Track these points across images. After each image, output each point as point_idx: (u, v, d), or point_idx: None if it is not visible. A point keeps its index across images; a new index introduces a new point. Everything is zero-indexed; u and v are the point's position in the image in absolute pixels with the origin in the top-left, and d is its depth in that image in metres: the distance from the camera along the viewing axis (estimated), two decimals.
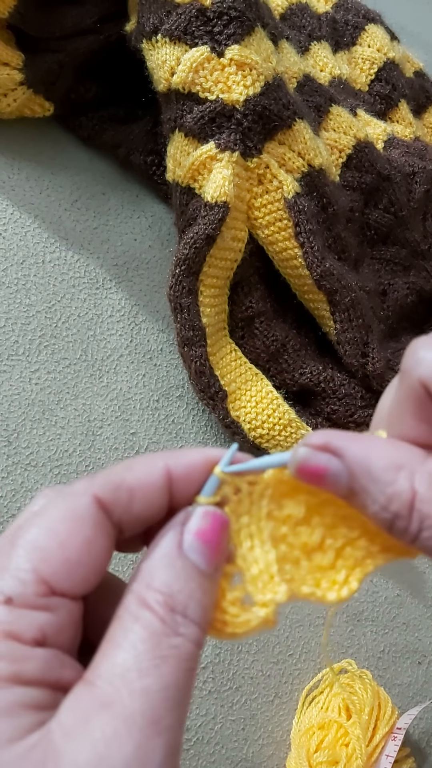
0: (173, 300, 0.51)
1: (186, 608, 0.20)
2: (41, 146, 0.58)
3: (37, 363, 0.51)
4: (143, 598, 0.20)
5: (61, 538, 0.20)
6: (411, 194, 0.62)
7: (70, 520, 0.20)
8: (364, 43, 0.72)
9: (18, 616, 0.19)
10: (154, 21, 0.50)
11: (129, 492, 0.21)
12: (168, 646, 0.19)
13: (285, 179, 0.52)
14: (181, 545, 0.21)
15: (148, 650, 0.18)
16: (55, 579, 0.19)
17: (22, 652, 0.18)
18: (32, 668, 0.18)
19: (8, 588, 0.19)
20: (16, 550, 0.20)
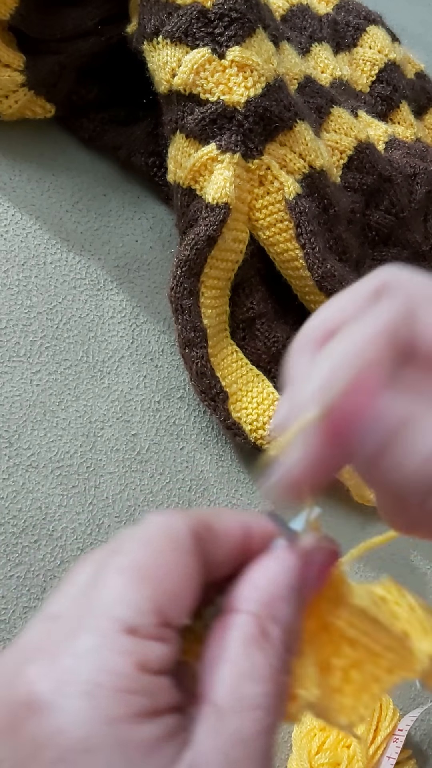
0: (174, 301, 0.51)
1: (293, 647, 0.20)
2: (42, 148, 0.59)
3: (39, 364, 0.51)
4: (266, 630, 0.19)
5: (170, 567, 0.19)
6: (412, 195, 0.62)
7: (176, 550, 0.20)
8: (365, 44, 0.72)
9: (144, 647, 0.18)
10: (155, 23, 0.50)
11: (217, 537, 0.21)
12: (284, 685, 0.19)
13: (286, 180, 0.52)
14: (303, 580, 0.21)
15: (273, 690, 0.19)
16: (168, 610, 0.19)
17: (154, 684, 0.18)
18: (163, 699, 0.18)
19: (129, 617, 0.18)
20: (128, 577, 0.19)
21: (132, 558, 0.19)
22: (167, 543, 0.19)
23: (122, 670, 0.17)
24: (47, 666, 0.18)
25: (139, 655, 0.18)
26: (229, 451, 0.54)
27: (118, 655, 0.17)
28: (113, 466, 0.51)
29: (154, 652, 0.18)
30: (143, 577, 0.19)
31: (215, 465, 0.54)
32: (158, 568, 0.19)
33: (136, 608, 0.18)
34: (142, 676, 0.17)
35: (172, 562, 0.19)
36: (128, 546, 0.20)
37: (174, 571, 0.19)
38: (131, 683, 0.17)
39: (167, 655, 0.18)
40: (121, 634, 0.18)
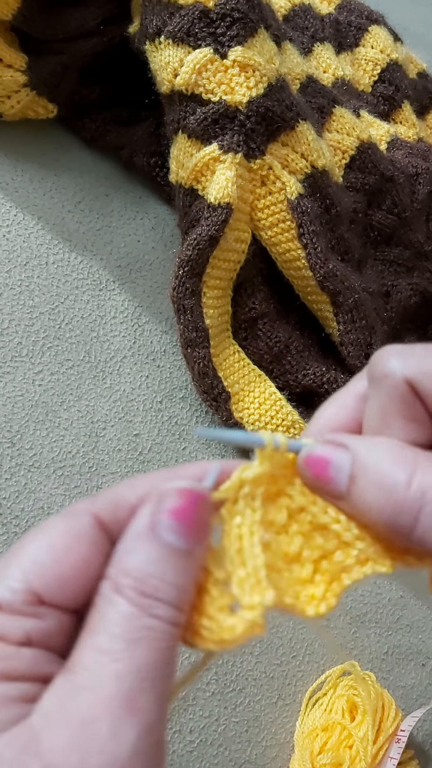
0: (176, 301, 0.51)
1: (157, 590, 0.20)
2: (45, 148, 0.59)
3: (41, 364, 0.52)
4: (117, 583, 0.20)
5: (57, 554, 0.21)
6: (414, 195, 0.62)
7: (68, 538, 0.21)
8: (367, 44, 0.72)
9: (4, 619, 0.20)
10: (158, 23, 0.50)
11: (130, 510, 0.22)
12: (140, 628, 0.19)
13: (288, 180, 0.52)
14: (154, 526, 0.21)
15: (121, 634, 0.19)
16: (45, 591, 0.20)
17: (8, 651, 0.19)
18: (18, 665, 0.19)
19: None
20: (13, 561, 0.21)
21: (23, 544, 0.21)
22: (61, 530, 0.21)
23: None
24: None
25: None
26: (230, 451, 0.54)
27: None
28: (115, 466, 0.51)
29: (16, 624, 0.20)
30: (26, 561, 0.21)
31: None
32: (44, 553, 0.21)
33: (7, 587, 0.20)
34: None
35: (60, 549, 0.21)
36: (27, 534, 0.22)
37: (61, 557, 0.21)
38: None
39: (35, 629, 0.20)
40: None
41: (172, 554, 0.20)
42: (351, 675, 0.50)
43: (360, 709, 0.47)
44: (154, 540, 0.20)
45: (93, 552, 0.21)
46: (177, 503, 0.21)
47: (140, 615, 0.19)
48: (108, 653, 0.19)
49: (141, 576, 0.20)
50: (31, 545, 0.21)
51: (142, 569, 0.20)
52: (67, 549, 0.21)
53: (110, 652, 0.19)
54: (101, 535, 0.21)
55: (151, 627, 0.19)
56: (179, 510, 0.21)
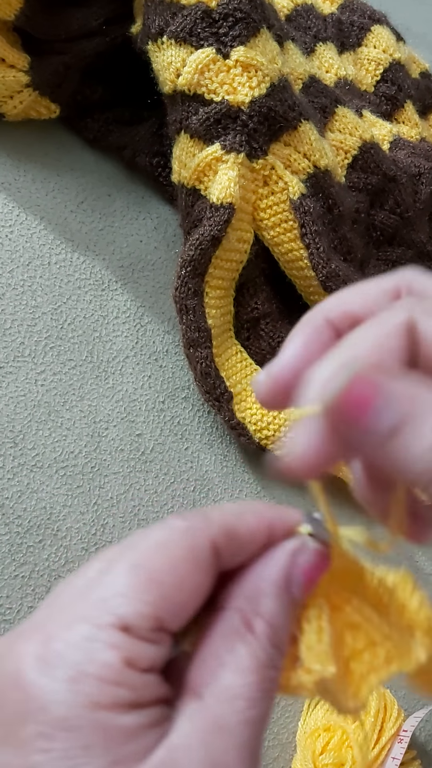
0: (179, 301, 0.51)
1: (282, 644, 0.21)
2: (47, 148, 0.59)
3: (43, 364, 0.52)
4: (250, 623, 0.20)
5: (181, 579, 0.20)
6: (417, 195, 0.62)
7: (191, 562, 0.20)
8: (369, 44, 0.72)
9: (135, 645, 0.19)
10: (160, 23, 0.50)
11: (239, 545, 0.22)
12: (269, 680, 0.20)
13: (290, 180, 0.52)
14: (287, 578, 0.21)
15: (257, 683, 0.19)
16: (168, 618, 0.20)
17: (139, 679, 0.19)
18: (148, 693, 0.19)
19: (128, 617, 0.19)
20: (136, 578, 0.20)
21: (144, 559, 0.20)
22: (184, 552, 0.20)
23: (109, 662, 0.18)
24: (39, 647, 0.19)
25: (128, 652, 0.19)
26: (233, 451, 0.54)
27: (108, 648, 0.18)
28: (118, 466, 0.51)
29: (144, 652, 0.19)
30: (150, 580, 0.19)
31: (220, 465, 0.54)
32: (168, 576, 0.20)
33: (135, 609, 0.19)
34: (128, 672, 0.18)
35: (185, 574, 0.20)
36: (144, 545, 0.20)
37: (184, 584, 0.20)
38: (116, 676, 0.18)
39: (157, 656, 0.19)
40: (114, 630, 0.19)
41: (292, 609, 0.21)
42: None
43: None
44: (287, 593, 0.21)
45: (208, 580, 0.21)
46: (311, 563, 0.22)
47: (269, 665, 0.20)
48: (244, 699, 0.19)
49: (275, 626, 0.20)
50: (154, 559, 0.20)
51: (275, 619, 0.20)
52: (189, 574, 0.20)
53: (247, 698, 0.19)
54: (215, 563, 0.21)
55: (274, 679, 0.20)
56: (311, 570, 0.21)
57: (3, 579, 0.45)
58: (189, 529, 0.21)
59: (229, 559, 0.21)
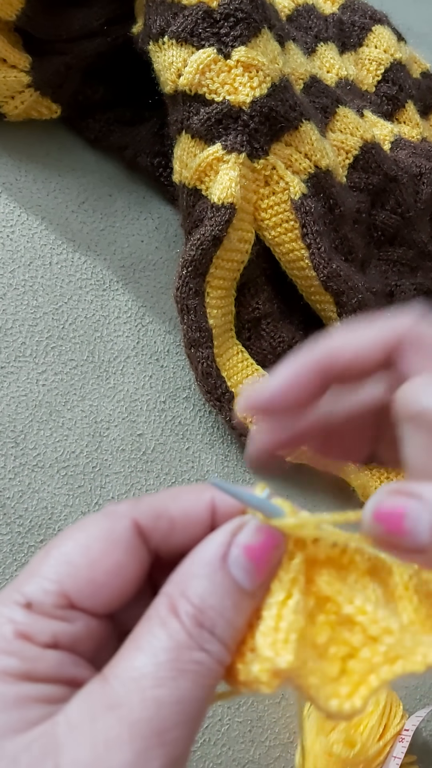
0: (180, 301, 0.51)
1: (214, 625, 0.19)
2: (48, 148, 0.59)
3: (44, 364, 0.52)
4: (174, 605, 0.19)
5: (92, 557, 0.20)
6: (418, 195, 0.62)
7: (105, 541, 0.20)
8: (370, 44, 0.72)
9: (33, 620, 0.19)
10: (161, 23, 0.50)
11: (170, 522, 0.21)
12: (189, 660, 0.19)
13: (292, 180, 0.52)
14: (225, 557, 0.20)
15: (169, 661, 0.18)
16: (77, 595, 0.20)
17: (33, 651, 0.19)
18: (43, 666, 0.19)
19: (31, 593, 0.20)
20: (48, 560, 0.20)
21: (59, 542, 0.21)
22: (98, 532, 0.21)
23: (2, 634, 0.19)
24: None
25: (24, 626, 0.19)
26: (234, 451, 0.54)
27: (5, 622, 0.19)
28: (119, 466, 0.51)
29: (45, 627, 0.19)
30: (61, 561, 0.20)
31: (221, 465, 0.54)
32: (78, 556, 0.20)
33: (40, 587, 0.20)
34: (20, 643, 0.19)
35: (98, 553, 0.20)
36: (64, 531, 0.21)
37: (95, 561, 0.20)
38: (6, 645, 0.19)
39: (62, 632, 0.20)
40: (15, 606, 0.19)
41: (236, 591, 0.20)
42: None
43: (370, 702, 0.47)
44: (222, 572, 0.20)
45: (129, 558, 0.21)
46: (254, 540, 0.20)
47: (192, 646, 0.19)
48: (151, 677, 0.18)
49: (201, 605, 0.19)
50: (66, 544, 0.21)
51: (204, 599, 0.19)
52: (102, 553, 0.20)
53: (154, 677, 0.18)
54: (138, 542, 0.21)
55: (201, 662, 0.19)
56: (255, 548, 0.20)
57: (4, 579, 0.45)
58: (108, 511, 0.21)
59: (162, 540, 0.21)
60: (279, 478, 0.55)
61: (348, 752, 0.44)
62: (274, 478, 0.54)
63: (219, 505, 0.22)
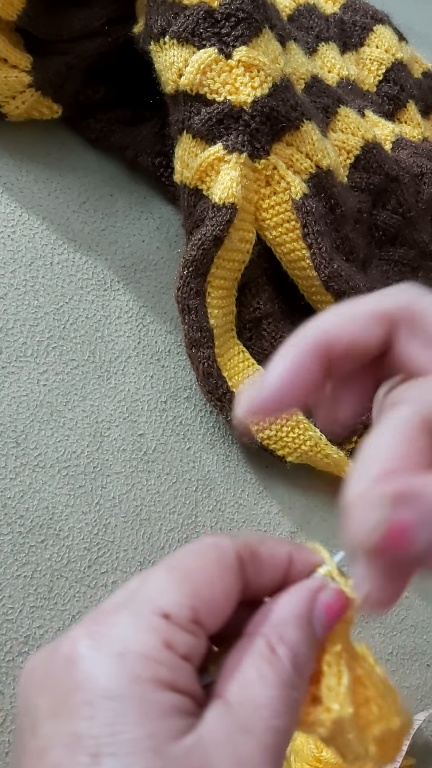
0: (181, 301, 0.51)
1: (303, 671, 0.22)
2: (49, 148, 0.59)
3: (45, 364, 0.52)
4: (274, 648, 0.22)
5: (211, 578, 0.22)
6: (419, 195, 0.62)
7: (219, 565, 0.22)
8: (372, 43, 0.72)
9: (173, 631, 0.21)
10: (162, 23, 0.50)
11: (261, 562, 0.23)
12: (292, 699, 0.21)
13: (293, 180, 0.52)
14: (310, 612, 0.23)
15: (280, 697, 0.21)
16: (201, 611, 0.21)
17: (177, 662, 0.20)
18: (183, 678, 0.20)
19: (167, 606, 0.21)
20: (174, 575, 0.22)
21: (179, 562, 0.22)
22: (213, 557, 0.22)
23: (151, 643, 0.20)
24: (89, 630, 0.21)
25: (167, 634, 0.20)
26: (235, 451, 0.54)
27: (149, 630, 0.20)
28: (120, 466, 0.51)
29: (182, 638, 0.21)
30: (185, 578, 0.22)
31: (222, 465, 0.54)
32: (201, 574, 0.22)
33: (173, 600, 0.21)
34: (167, 653, 0.20)
35: (215, 574, 0.22)
36: (179, 554, 0.23)
37: (215, 582, 0.22)
38: (157, 654, 0.20)
39: (194, 646, 0.21)
40: (155, 616, 0.21)
41: (313, 643, 0.23)
42: None
43: None
44: (309, 625, 0.23)
45: (237, 584, 0.22)
46: (333, 601, 0.23)
47: (291, 685, 0.21)
48: (268, 709, 0.20)
49: (296, 651, 0.22)
50: (188, 561, 0.22)
51: (298, 646, 0.22)
52: (219, 576, 0.22)
53: (271, 709, 0.20)
54: (241, 570, 0.23)
55: (296, 699, 0.21)
56: (332, 608, 0.23)
57: (5, 579, 0.45)
58: (215, 539, 0.23)
59: (253, 575, 0.23)
60: (280, 479, 0.55)
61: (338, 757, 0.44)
62: (276, 478, 0.54)
63: (295, 558, 0.24)
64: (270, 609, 0.23)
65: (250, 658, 0.22)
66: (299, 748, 0.46)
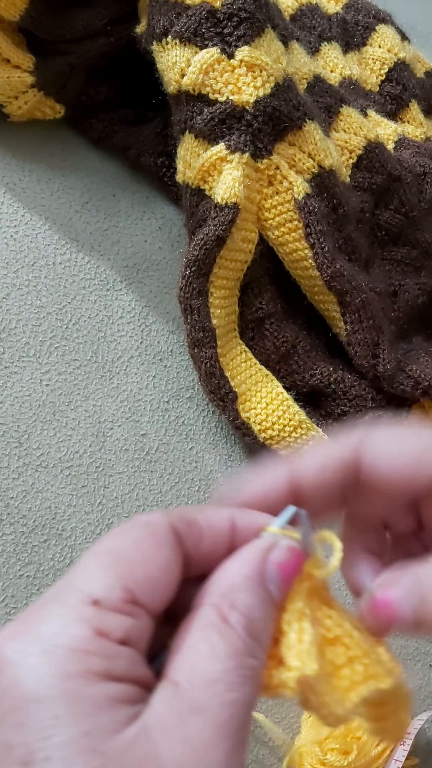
0: (183, 301, 0.51)
1: (260, 636, 0.21)
2: (52, 148, 0.59)
3: (48, 364, 0.52)
4: (225, 616, 0.21)
5: (145, 554, 0.21)
6: (422, 195, 0.62)
7: (153, 540, 0.21)
8: (374, 43, 0.72)
9: (105, 616, 0.20)
10: (165, 23, 0.50)
11: (199, 531, 0.23)
12: (248, 667, 0.20)
13: (295, 180, 0.52)
14: (262, 573, 0.22)
15: (235, 668, 0.20)
16: (137, 590, 0.20)
17: (111, 649, 0.19)
18: (121, 665, 0.19)
19: (95, 591, 0.20)
20: (102, 558, 0.21)
21: (108, 545, 0.21)
22: (145, 533, 0.21)
23: (80, 634, 0.19)
24: (16, 630, 0.19)
25: (98, 622, 0.19)
26: (237, 451, 0.54)
27: (78, 621, 0.19)
28: (122, 466, 0.51)
29: (117, 622, 0.20)
30: (116, 559, 0.21)
31: (224, 465, 0.54)
32: (133, 553, 0.21)
33: (102, 583, 0.20)
34: (100, 641, 0.19)
35: (148, 550, 0.21)
36: (108, 536, 0.22)
37: (149, 558, 0.21)
38: (87, 645, 0.19)
39: (134, 628, 0.20)
40: (84, 604, 0.19)
41: (270, 604, 0.22)
42: None
43: None
44: (262, 587, 0.22)
45: (175, 558, 0.22)
46: (286, 559, 0.22)
47: (247, 653, 0.20)
48: (221, 682, 0.19)
49: (251, 618, 0.21)
50: (117, 542, 0.21)
51: (252, 611, 0.21)
52: (154, 550, 0.21)
53: (224, 681, 0.19)
54: (178, 543, 0.22)
55: (254, 668, 0.20)
56: (286, 566, 0.22)
57: (8, 578, 0.45)
58: (146, 515, 0.22)
59: (192, 546, 0.22)
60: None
61: (343, 760, 0.43)
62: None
63: (238, 522, 0.23)
64: (219, 576, 0.22)
65: (199, 631, 0.21)
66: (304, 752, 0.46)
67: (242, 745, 0.19)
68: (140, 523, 0.22)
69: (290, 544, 0.23)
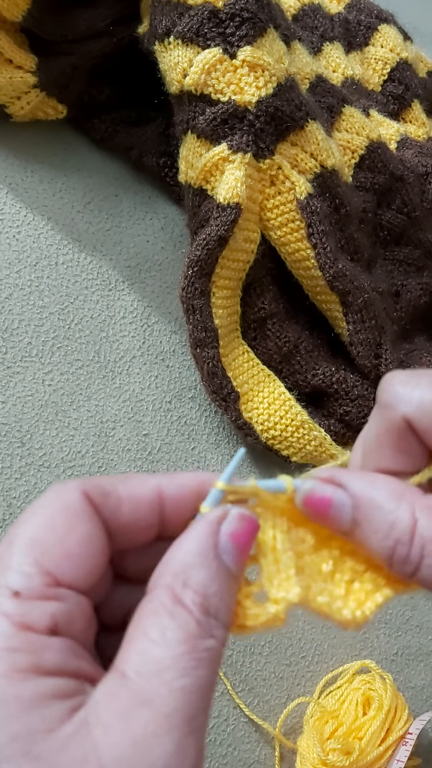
0: (185, 301, 0.51)
1: (218, 611, 0.20)
2: (54, 148, 0.59)
3: (50, 364, 0.52)
4: (178, 596, 0.20)
5: (59, 532, 0.20)
6: (424, 195, 0.62)
7: (66, 515, 0.21)
8: (376, 43, 0.71)
9: (28, 607, 0.19)
10: (167, 23, 0.50)
11: (117, 500, 0.22)
12: (203, 649, 0.19)
13: (297, 180, 0.52)
14: (217, 545, 0.21)
15: (186, 652, 0.19)
16: (58, 571, 0.20)
17: (38, 641, 0.18)
18: (50, 658, 0.19)
19: (14, 582, 0.19)
20: (15, 547, 0.20)
21: (18, 530, 0.20)
22: (57, 509, 0.21)
23: (2, 630, 0.18)
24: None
25: (20, 615, 0.18)
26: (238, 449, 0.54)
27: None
28: (125, 466, 0.51)
29: (41, 611, 0.19)
30: (29, 543, 0.20)
31: (226, 464, 0.53)
32: (45, 533, 0.20)
33: (18, 572, 0.19)
34: (24, 635, 0.18)
35: (61, 527, 0.20)
36: (18, 520, 0.21)
37: (63, 535, 0.20)
38: (9, 641, 0.18)
39: (64, 612, 0.19)
40: (3, 598, 0.19)
41: (228, 576, 0.21)
42: (369, 672, 0.50)
43: (374, 705, 0.46)
44: (216, 560, 0.21)
45: (94, 526, 0.21)
46: (238, 528, 0.22)
47: (202, 634, 0.19)
48: (173, 669, 0.18)
49: (205, 593, 0.20)
50: (28, 528, 0.20)
51: (206, 587, 0.20)
52: (68, 526, 0.20)
53: (176, 668, 0.18)
54: (95, 513, 0.21)
55: (212, 648, 0.20)
56: (240, 535, 0.22)
57: None
58: (57, 487, 0.21)
59: (111, 516, 0.21)
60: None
61: (345, 761, 0.43)
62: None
63: (166, 490, 0.23)
64: (171, 556, 0.21)
65: (150, 616, 0.20)
66: (305, 752, 0.46)
67: (197, 733, 0.18)
68: (50, 499, 0.21)
69: (240, 512, 0.22)
